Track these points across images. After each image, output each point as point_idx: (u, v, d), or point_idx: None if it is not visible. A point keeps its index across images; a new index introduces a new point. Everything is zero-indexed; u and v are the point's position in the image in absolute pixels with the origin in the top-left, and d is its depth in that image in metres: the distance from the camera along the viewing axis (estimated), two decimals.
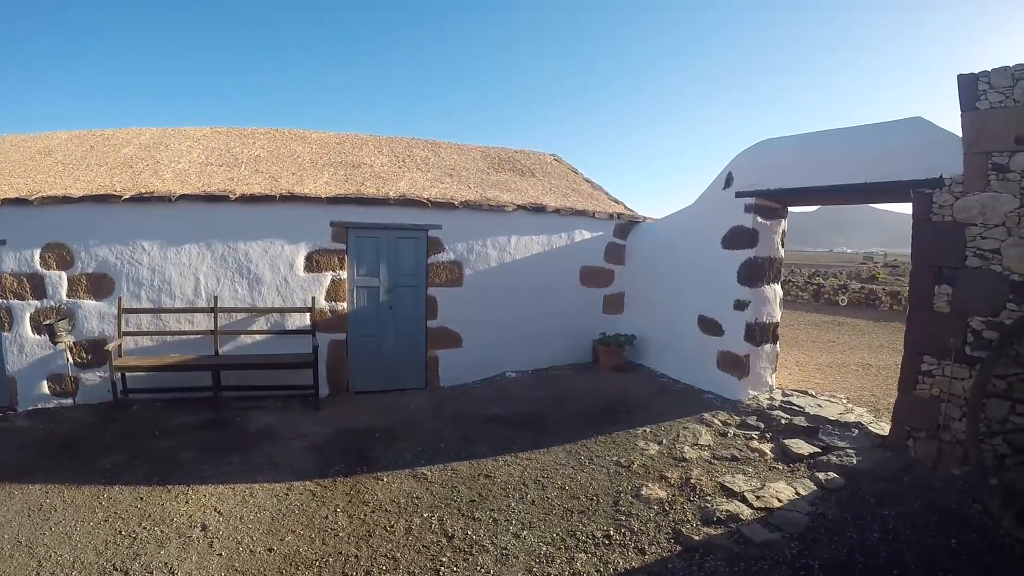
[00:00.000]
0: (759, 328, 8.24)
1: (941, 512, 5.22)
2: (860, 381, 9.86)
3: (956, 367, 5.85)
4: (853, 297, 21.66)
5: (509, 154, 12.56)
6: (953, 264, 5.89)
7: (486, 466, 6.16)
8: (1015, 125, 5.46)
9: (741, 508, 5.30)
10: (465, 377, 9.21)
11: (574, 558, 4.53)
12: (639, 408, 7.93)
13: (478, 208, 9.10)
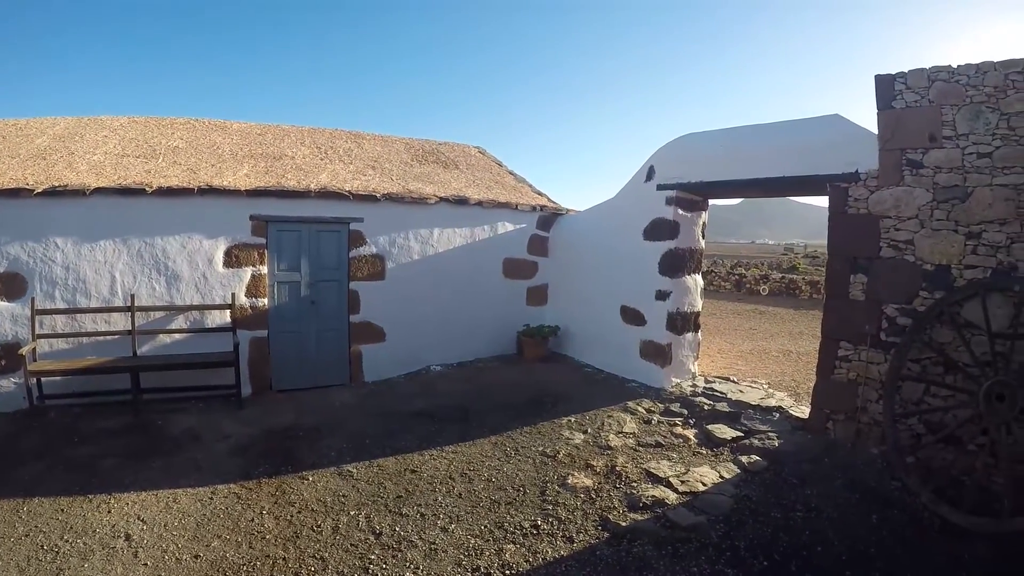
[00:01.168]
0: (681, 317, 8.55)
1: (861, 490, 5.55)
2: (781, 367, 10.28)
3: (872, 352, 6.27)
4: (774, 287, 22.43)
5: (433, 146, 12.54)
6: (868, 254, 6.31)
7: (412, 461, 6.19)
8: (929, 124, 5.90)
9: (667, 493, 5.49)
10: (389, 372, 9.18)
11: (503, 549, 4.61)
12: (564, 398, 8.08)
13: (400, 201, 9.07)
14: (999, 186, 5.54)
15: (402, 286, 9.21)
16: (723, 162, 7.73)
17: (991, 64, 5.58)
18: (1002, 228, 5.53)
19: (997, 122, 5.53)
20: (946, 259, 5.83)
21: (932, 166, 5.91)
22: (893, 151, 6.17)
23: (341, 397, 8.19)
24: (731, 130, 8.04)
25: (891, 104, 6.17)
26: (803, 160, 6.89)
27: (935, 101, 5.88)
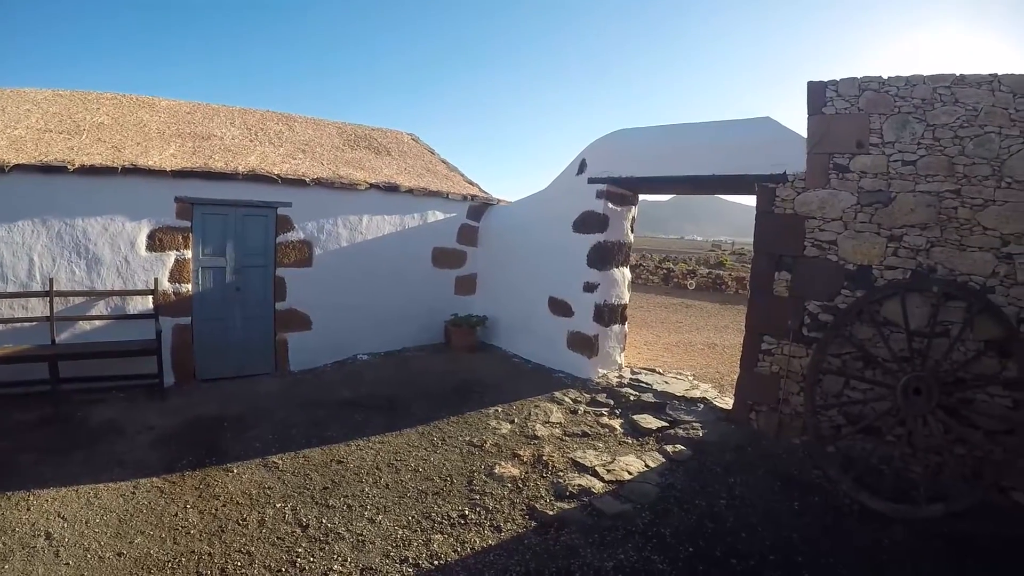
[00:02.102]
0: (608, 309, 8.77)
1: (784, 478, 5.84)
2: (706, 359, 10.59)
3: (794, 346, 6.60)
4: (701, 281, 22.92)
5: (366, 131, 12.43)
6: (792, 253, 6.65)
7: (339, 451, 6.20)
8: (857, 131, 6.27)
9: (593, 482, 5.66)
10: (316, 361, 9.13)
11: (431, 540, 4.69)
12: (491, 388, 8.19)
13: (330, 186, 9.00)
14: (922, 192, 5.95)
15: (330, 273, 9.15)
16: (655, 158, 7.94)
17: (920, 77, 5.96)
18: (923, 232, 5.94)
19: (923, 132, 5.94)
20: (868, 260, 6.22)
21: (858, 171, 6.29)
22: (821, 155, 6.51)
23: (267, 386, 8.10)
24: (664, 127, 8.26)
25: (821, 110, 6.52)
26: (733, 160, 7.15)
27: (864, 109, 6.27)
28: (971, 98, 5.75)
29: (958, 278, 5.81)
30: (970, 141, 5.75)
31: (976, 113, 5.74)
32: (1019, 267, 5.55)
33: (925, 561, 4.68)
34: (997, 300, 5.61)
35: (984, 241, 5.70)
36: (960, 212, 5.81)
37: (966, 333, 5.69)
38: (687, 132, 7.94)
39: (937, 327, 5.79)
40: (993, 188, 5.65)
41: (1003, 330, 5.47)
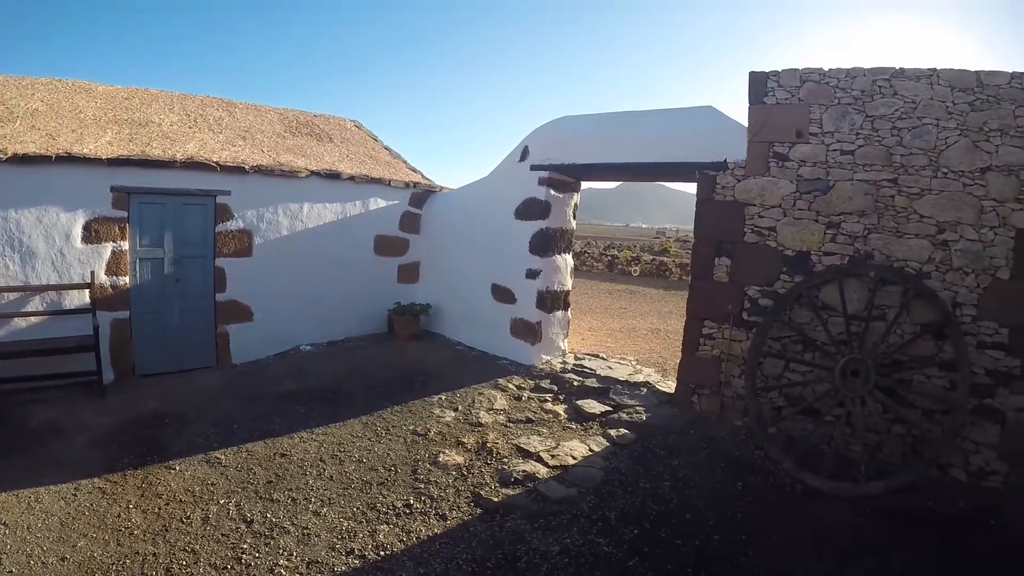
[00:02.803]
0: (550, 296, 8.90)
1: (726, 459, 6.04)
2: (649, 344, 10.81)
3: (735, 331, 6.84)
4: (645, 268, 23.35)
5: (308, 118, 12.24)
6: (732, 239, 6.85)
7: (282, 444, 6.17)
8: (797, 121, 6.50)
9: (537, 468, 5.76)
10: (258, 353, 9.05)
11: (376, 531, 4.72)
12: (435, 376, 8.25)
13: (270, 173, 8.89)
14: (860, 181, 6.21)
15: (271, 263, 9.06)
16: (597, 146, 8.05)
17: (861, 70, 6.21)
18: (860, 219, 6.21)
19: (862, 123, 6.20)
20: (806, 246, 6.46)
21: (797, 160, 6.52)
22: (761, 144, 6.71)
23: (208, 380, 8.00)
24: (606, 115, 8.36)
25: (762, 100, 6.72)
26: (675, 148, 7.30)
27: (805, 100, 6.49)
28: (910, 91, 6.02)
29: (895, 264, 6.08)
30: (908, 132, 6.02)
31: (914, 105, 6.00)
32: (954, 253, 5.84)
33: (866, 536, 4.89)
34: (933, 285, 5.89)
35: (920, 228, 5.98)
36: (897, 200, 6.08)
37: (903, 317, 5.97)
38: (629, 120, 8.06)
39: (874, 311, 6.06)
40: (930, 178, 5.93)
41: (939, 314, 5.73)
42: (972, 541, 4.90)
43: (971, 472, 5.78)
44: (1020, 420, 5.60)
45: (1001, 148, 5.71)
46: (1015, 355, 5.64)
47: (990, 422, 5.70)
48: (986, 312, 5.76)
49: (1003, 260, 5.71)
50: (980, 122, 5.78)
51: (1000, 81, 5.74)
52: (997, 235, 5.73)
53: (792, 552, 4.65)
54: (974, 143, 5.80)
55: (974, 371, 5.71)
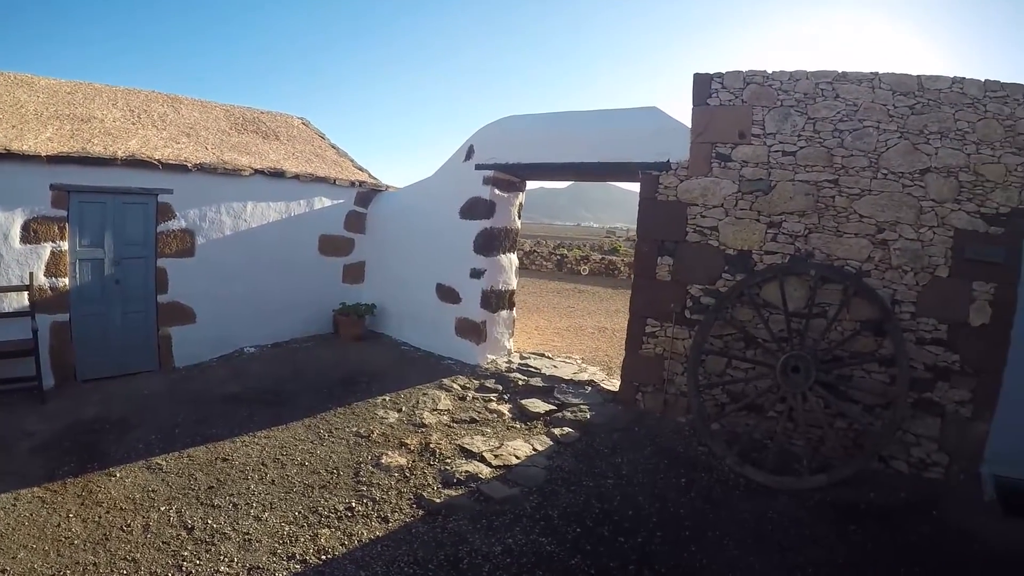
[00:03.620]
0: (495, 295, 8.99)
1: (670, 456, 6.15)
2: (595, 343, 10.96)
3: (677, 329, 6.97)
4: (594, 267, 23.61)
5: (255, 115, 12.11)
6: (675, 238, 6.99)
7: (224, 449, 6.12)
8: (740, 122, 6.67)
9: (480, 468, 5.81)
10: (201, 355, 8.90)
11: (318, 534, 4.72)
12: (379, 377, 8.25)
13: (213, 171, 8.77)
14: (801, 182, 6.40)
15: (213, 264, 8.93)
16: (542, 145, 8.15)
17: (804, 72, 6.40)
18: (801, 219, 6.40)
19: (804, 125, 6.40)
20: (748, 245, 6.62)
21: (740, 160, 6.68)
22: (704, 144, 6.86)
23: (150, 384, 7.85)
24: (551, 115, 8.49)
25: (706, 101, 6.87)
26: (618, 148, 7.43)
27: (748, 101, 6.66)
28: (852, 94, 6.24)
29: (835, 262, 6.27)
30: (849, 134, 6.24)
31: (856, 108, 6.23)
32: (893, 252, 6.06)
33: (809, 528, 5.04)
34: (872, 283, 6.11)
35: (860, 228, 6.19)
36: (837, 201, 6.28)
37: (843, 314, 6.17)
38: (574, 120, 8.19)
39: (815, 308, 6.24)
40: (870, 179, 6.16)
41: (878, 311, 5.95)
42: (914, 530, 5.08)
43: (913, 464, 6.02)
44: (959, 413, 5.87)
45: (940, 150, 5.95)
46: (954, 351, 5.89)
47: (930, 415, 5.96)
48: (925, 309, 5.99)
49: (941, 259, 5.95)
50: (920, 125, 6.01)
51: (941, 85, 5.98)
52: (936, 235, 5.96)
53: (736, 546, 4.75)
54: (914, 145, 6.03)
55: (914, 366, 5.94)
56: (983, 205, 5.89)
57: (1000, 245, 5.85)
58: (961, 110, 5.95)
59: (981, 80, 5.96)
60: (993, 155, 5.87)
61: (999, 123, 5.87)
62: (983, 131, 5.90)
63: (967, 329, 5.91)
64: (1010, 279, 5.84)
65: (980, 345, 5.88)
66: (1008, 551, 4.89)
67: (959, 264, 5.94)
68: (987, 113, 5.89)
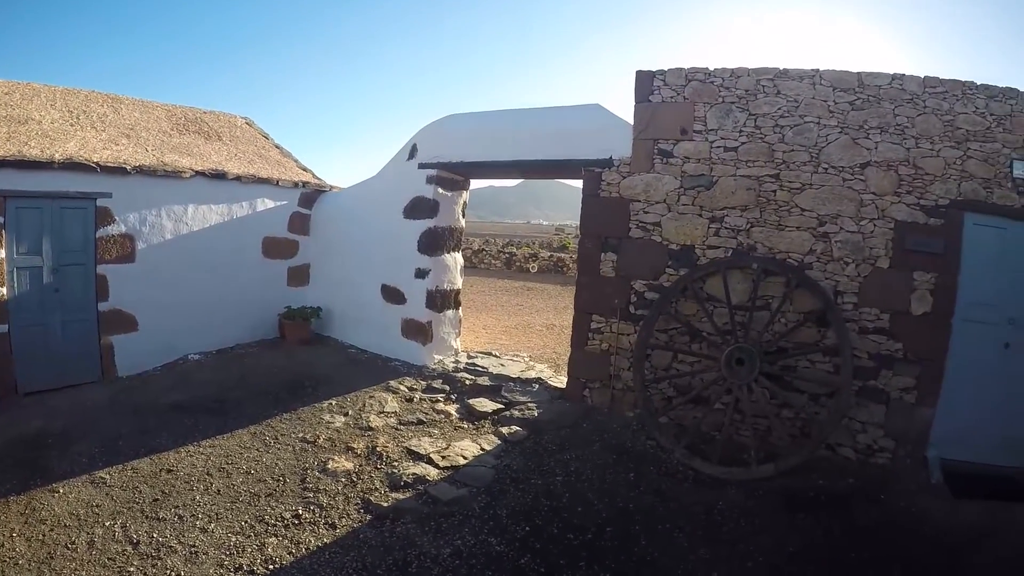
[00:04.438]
0: (440, 295, 9.01)
1: (619, 451, 6.24)
2: (543, 340, 11.08)
3: (622, 324, 7.07)
4: (543, 264, 23.85)
5: (197, 114, 11.88)
6: (618, 235, 7.08)
7: (168, 459, 6.03)
8: (682, 118, 6.80)
9: (428, 470, 5.84)
10: (145, 364, 8.72)
11: (265, 544, 4.70)
12: (325, 381, 8.21)
13: (153, 174, 8.59)
14: (742, 177, 6.54)
15: (154, 269, 8.77)
16: (485, 143, 8.20)
17: (745, 70, 6.56)
18: (743, 214, 6.54)
19: (745, 121, 6.56)
20: (690, 240, 6.74)
21: (682, 156, 6.81)
22: (646, 141, 6.97)
23: (93, 395, 7.69)
24: (494, 112, 8.62)
25: (648, 98, 6.99)
26: (561, 145, 7.52)
27: (689, 98, 6.80)
28: (793, 90, 6.41)
29: (777, 256, 6.42)
30: (790, 130, 6.41)
31: (797, 104, 6.40)
32: (835, 245, 6.23)
33: (759, 518, 5.17)
34: (814, 275, 6.27)
35: (801, 221, 6.35)
36: (779, 195, 6.43)
37: (786, 306, 6.32)
38: (517, 117, 8.27)
39: (758, 301, 6.38)
40: (810, 173, 6.33)
41: (821, 302, 6.10)
42: (863, 515, 5.26)
43: (860, 450, 6.21)
44: (904, 399, 6.08)
45: (881, 145, 6.15)
46: (896, 339, 6.10)
47: (875, 402, 6.17)
48: (867, 299, 6.19)
49: (883, 250, 6.15)
50: (861, 120, 6.21)
51: (881, 82, 6.19)
52: (876, 227, 6.16)
53: (686, 538, 4.85)
54: (854, 140, 6.23)
55: (857, 355, 6.13)
56: (923, 197, 6.12)
57: (940, 236, 6.09)
58: (901, 105, 6.17)
59: (920, 76, 6.18)
60: (932, 149, 6.11)
61: (938, 118, 6.11)
62: (922, 126, 6.13)
63: (909, 318, 6.13)
64: (950, 269, 6.08)
65: (922, 333, 6.11)
66: (956, 531, 5.09)
67: (900, 255, 6.14)
68: (926, 108, 6.13)
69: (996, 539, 5.04)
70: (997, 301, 6.21)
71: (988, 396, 6.21)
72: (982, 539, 5.03)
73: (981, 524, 5.21)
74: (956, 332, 6.20)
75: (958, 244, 6.15)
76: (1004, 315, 6.20)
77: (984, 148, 6.13)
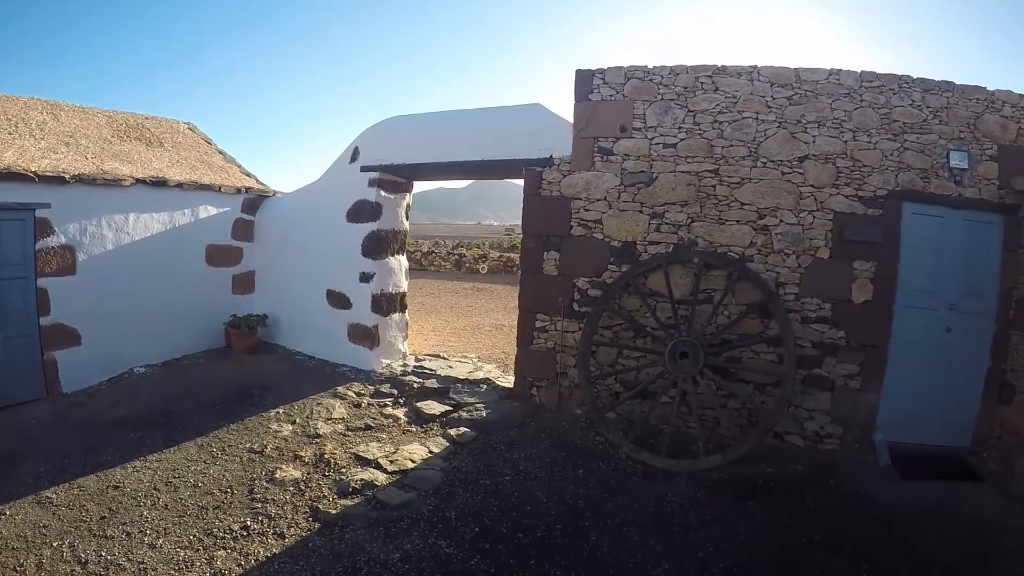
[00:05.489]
0: (386, 299, 9.06)
1: (567, 448, 6.36)
2: (492, 340, 11.21)
3: (567, 322, 7.22)
4: (493, 265, 24.16)
5: (139, 120, 11.68)
6: (560, 233, 7.20)
7: (115, 476, 5.95)
8: (622, 116, 6.95)
9: (376, 475, 5.88)
10: (90, 379, 8.55)
11: (214, 557, 4.68)
12: (273, 389, 8.18)
13: (93, 183, 8.44)
14: (682, 172, 6.70)
15: (97, 281, 8.62)
16: (427, 145, 8.26)
17: (684, 67, 6.73)
18: (683, 209, 6.69)
19: (684, 117, 6.73)
20: (632, 236, 6.89)
21: (622, 154, 6.95)
22: (586, 139, 7.10)
23: (37, 413, 7.55)
24: (435, 114, 8.65)
25: (588, 96, 7.12)
26: (502, 145, 7.63)
27: (629, 96, 6.94)
28: (731, 87, 6.59)
29: (718, 249, 6.57)
30: (729, 125, 6.59)
31: (735, 100, 6.59)
32: (775, 237, 6.41)
33: (709, 508, 5.31)
34: (756, 267, 6.44)
35: (741, 215, 6.52)
36: (719, 190, 6.60)
37: (728, 298, 6.50)
38: (459, 119, 8.36)
39: (700, 295, 6.55)
40: (750, 167, 6.51)
41: (763, 294, 6.27)
42: (813, 500, 5.45)
43: (808, 438, 6.44)
44: (849, 386, 6.32)
45: (818, 138, 6.36)
46: (839, 327, 6.32)
47: (821, 390, 6.40)
48: (809, 289, 6.39)
49: (822, 241, 6.35)
50: (798, 115, 6.42)
51: (818, 77, 6.41)
52: (816, 218, 6.36)
53: (636, 532, 4.96)
54: (792, 134, 6.43)
55: (801, 344, 6.33)
56: (861, 189, 6.34)
57: (879, 226, 6.31)
58: (838, 100, 6.39)
59: (857, 71, 6.43)
60: (870, 141, 6.34)
61: (875, 111, 6.34)
62: (860, 119, 6.36)
63: (851, 306, 6.35)
64: (890, 257, 6.31)
65: (864, 321, 6.34)
66: (904, 511, 5.32)
67: (839, 245, 6.36)
68: (863, 102, 6.36)
69: (943, 517, 5.29)
70: (937, 287, 6.50)
71: (932, 379, 6.51)
72: (929, 517, 5.27)
73: (928, 503, 5.46)
74: (898, 319, 6.46)
75: (897, 233, 6.39)
76: (945, 301, 6.49)
77: (921, 140, 6.39)
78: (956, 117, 6.47)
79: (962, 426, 6.60)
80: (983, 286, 6.53)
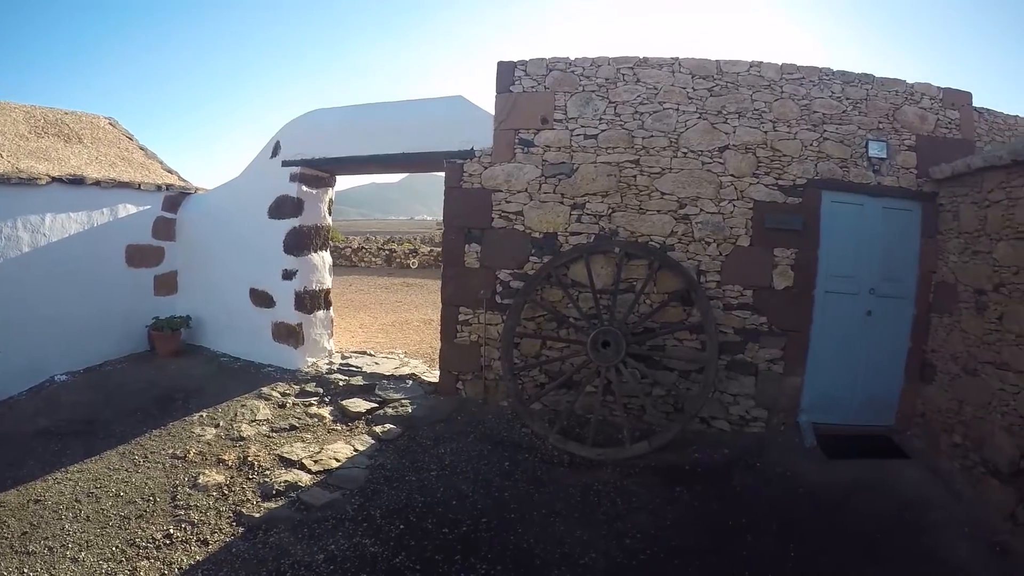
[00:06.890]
0: (309, 296, 9.04)
1: (493, 441, 6.48)
2: (420, 335, 11.29)
3: (490, 315, 7.34)
4: (424, 260, 24.39)
5: (57, 116, 11.24)
6: (481, 225, 7.30)
7: (36, 489, 5.83)
8: (543, 107, 7.07)
9: (300, 476, 5.89)
10: (8, 389, 8.27)
11: (137, 568, 4.64)
12: (197, 393, 8.09)
13: (7, 182, 8.19)
14: (603, 163, 6.84)
15: (12, 286, 8.34)
16: (349, 138, 8.28)
17: (606, 59, 6.87)
18: (604, 200, 6.83)
19: (605, 109, 6.87)
20: (553, 227, 7.02)
21: (543, 145, 7.06)
22: (507, 131, 7.20)
23: None
24: (357, 107, 8.67)
25: (509, 88, 7.21)
26: (424, 138, 7.68)
27: (550, 88, 7.06)
28: (652, 78, 6.75)
29: (639, 239, 6.71)
30: (649, 116, 6.74)
31: (656, 91, 6.74)
32: (696, 226, 6.58)
33: (636, 495, 5.47)
34: (677, 256, 6.61)
35: (662, 205, 6.68)
36: (639, 180, 6.74)
37: (650, 287, 6.66)
38: (380, 111, 8.37)
39: (622, 284, 6.68)
40: (670, 158, 6.67)
41: (684, 282, 6.44)
42: (740, 482, 5.65)
43: (733, 422, 6.67)
44: (772, 370, 6.55)
45: (739, 129, 6.56)
46: (760, 313, 6.54)
47: (744, 375, 6.62)
48: (730, 277, 6.59)
49: (743, 229, 6.55)
50: (719, 106, 6.60)
51: (739, 69, 6.61)
52: (736, 207, 6.55)
53: (563, 521, 5.08)
54: (713, 125, 6.61)
55: (723, 331, 6.54)
56: (780, 178, 6.55)
57: (798, 214, 6.51)
58: (759, 91, 6.60)
59: (778, 64, 6.60)
60: (789, 132, 6.55)
61: (795, 103, 6.55)
62: (780, 110, 6.57)
63: (772, 293, 6.56)
64: (810, 244, 6.53)
65: (786, 306, 6.57)
66: (831, 490, 5.56)
67: (760, 233, 6.57)
68: (783, 94, 6.58)
69: (870, 493, 5.54)
70: (857, 273, 6.73)
71: (854, 361, 6.79)
72: (855, 494, 5.51)
73: (854, 481, 5.70)
74: (819, 304, 6.70)
75: (816, 221, 6.63)
76: (865, 285, 6.74)
77: (840, 130, 6.63)
78: (875, 108, 6.73)
79: (886, 406, 6.86)
80: (902, 271, 6.78)
